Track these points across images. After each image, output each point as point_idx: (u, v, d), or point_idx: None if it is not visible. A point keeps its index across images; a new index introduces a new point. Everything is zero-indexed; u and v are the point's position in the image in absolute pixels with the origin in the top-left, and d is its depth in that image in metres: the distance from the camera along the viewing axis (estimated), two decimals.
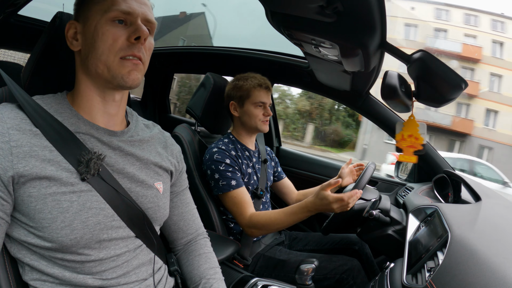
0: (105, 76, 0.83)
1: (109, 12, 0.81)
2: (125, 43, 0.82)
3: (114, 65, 0.82)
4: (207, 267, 1.09)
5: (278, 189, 2.15)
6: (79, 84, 0.88)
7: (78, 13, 0.86)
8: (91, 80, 0.86)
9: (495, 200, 1.43)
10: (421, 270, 0.99)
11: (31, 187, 0.75)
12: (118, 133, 0.91)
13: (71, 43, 0.86)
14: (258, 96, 1.77)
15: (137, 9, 0.84)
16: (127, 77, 0.83)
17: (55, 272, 0.80)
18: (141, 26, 0.83)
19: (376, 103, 2.08)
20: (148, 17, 0.87)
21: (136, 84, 0.86)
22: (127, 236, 0.88)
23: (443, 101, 1.19)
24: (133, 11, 0.83)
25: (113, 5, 0.81)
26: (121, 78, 0.83)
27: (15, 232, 0.78)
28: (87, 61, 0.84)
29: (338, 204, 1.41)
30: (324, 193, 1.44)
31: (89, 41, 0.82)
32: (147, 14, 0.87)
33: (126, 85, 0.84)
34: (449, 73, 1.11)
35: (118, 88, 0.87)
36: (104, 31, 0.81)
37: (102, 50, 0.81)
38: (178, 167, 1.10)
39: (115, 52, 0.81)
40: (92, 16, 0.82)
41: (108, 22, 0.81)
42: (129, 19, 0.83)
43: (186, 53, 2.77)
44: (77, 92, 0.88)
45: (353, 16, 1.01)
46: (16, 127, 0.76)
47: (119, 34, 0.82)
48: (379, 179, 2.41)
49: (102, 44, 0.81)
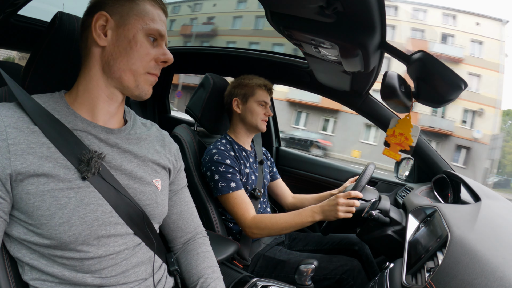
0: (128, 83, 0.87)
1: (150, 26, 0.86)
2: (153, 61, 0.89)
3: (141, 77, 0.88)
4: (205, 266, 1.09)
5: (272, 190, 2.15)
6: (88, 78, 0.87)
7: (111, 8, 0.85)
8: (106, 79, 0.87)
9: (494, 201, 1.43)
10: (421, 270, 0.99)
11: (29, 184, 0.75)
12: (116, 130, 0.91)
13: (98, 36, 0.85)
14: (262, 95, 1.82)
15: (165, 33, 0.91)
16: (148, 91, 0.91)
17: (54, 271, 0.80)
18: (169, 53, 0.91)
19: (376, 104, 2.08)
20: (167, 42, 0.94)
21: (148, 97, 0.92)
22: (125, 233, 0.88)
23: (442, 102, 1.19)
24: (164, 35, 0.91)
25: (153, 22, 0.87)
26: (142, 91, 0.90)
27: (14, 231, 0.78)
28: (113, 62, 0.85)
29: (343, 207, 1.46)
30: (334, 196, 1.52)
31: (124, 45, 0.85)
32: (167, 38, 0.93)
33: (143, 97, 0.91)
34: (448, 73, 1.11)
35: (132, 96, 0.91)
36: (142, 43, 0.86)
37: (135, 60, 0.86)
38: (176, 165, 1.10)
39: (145, 66, 0.88)
40: (132, 22, 0.85)
41: (146, 36, 0.87)
42: (159, 40, 0.90)
43: (186, 53, 2.77)
44: (82, 87, 0.88)
45: (352, 16, 1.01)
46: (14, 125, 0.77)
47: (151, 52, 0.88)
48: (378, 179, 2.41)
49: (137, 54, 0.86)
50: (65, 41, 0.93)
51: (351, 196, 1.47)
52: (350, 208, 1.46)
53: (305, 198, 2.07)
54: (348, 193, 1.48)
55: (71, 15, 0.95)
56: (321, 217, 1.52)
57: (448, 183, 1.76)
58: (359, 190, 1.54)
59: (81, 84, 0.88)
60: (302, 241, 2.00)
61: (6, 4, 1.38)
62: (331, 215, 1.48)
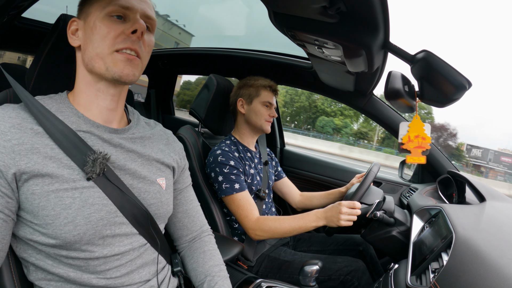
0: (99, 69, 0.84)
1: (108, 7, 0.83)
2: (121, 36, 0.83)
3: (109, 57, 0.83)
4: (212, 264, 1.09)
5: (279, 189, 2.16)
6: (79, 79, 0.89)
7: (80, 11, 0.88)
8: (89, 74, 0.87)
9: (499, 201, 1.42)
10: (426, 271, 0.99)
11: (34, 185, 0.76)
12: (119, 130, 0.92)
13: (71, 39, 0.88)
14: (267, 96, 1.82)
15: (136, 5, 0.86)
16: (122, 72, 0.84)
17: (60, 272, 0.80)
18: (139, 20, 0.85)
19: (380, 104, 2.08)
20: (147, 13, 0.88)
21: (130, 79, 0.86)
22: (130, 232, 0.88)
23: (447, 101, 1.19)
24: (132, 6, 0.85)
25: (113, 0, 0.83)
26: (115, 72, 0.83)
27: (20, 231, 0.79)
28: (85, 55, 0.85)
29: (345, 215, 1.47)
30: (337, 203, 1.53)
31: (88, 35, 0.84)
32: (147, 10, 0.88)
33: (120, 79, 0.85)
34: (452, 73, 1.10)
35: (113, 82, 0.87)
36: (101, 25, 0.83)
37: (98, 43, 0.83)
38: (180, 163, 1.11)
39: (110, 44, 0.83)
40: (92, 12, 0.84)
41: (106, 17, 0.83)
42: (128, 15, 0.85)
43: (190, 54, 2.77)
44: (77, 88, 0.90)
45: (356, 16, 1.01)
46: (18, 126, 0.77)
47: (116, 28, 0.83)
48: (383, 180, 2.40)
49: (98, 36, 0.83)
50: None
51: (355, 206, 1.49)
52: (352, 217, 1.48)
53: (313, 196, 2.08)
54: (352, 203, 1.49)
55: (75, 17, 0.96)
56: (324, 222, 1.54)
57: (452, 184, 1.75)
58: (363, 192, 1.56)
59: (76, 86, 0.90)
60: (306, 242, 2.00)
61: (10, 6, 1.39)
62: (333, 222, 1.50)
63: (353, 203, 1.49)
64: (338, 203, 1.51)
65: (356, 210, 1.48)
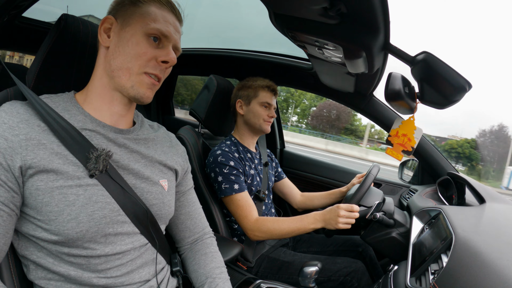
0: (125, 82, 0.87)
1: (149, 28, 0.85)
2: (153, 61, 0.87)
3: (137, 76, 0.87)
4: (213, 267, 1.09)
5: (280, 189, 2.16)
6: (97, 78, 0.90)
7: (117, 12, 0.89)
8: (109, 80, 0.88)
9: (499, 203, 1.42)
10: (425, 273, 0.99)
11: (38, 180, 0.76)
12: (124, 131, 0.93)
13: (102, 37, 0.88)
14: (265, 96, 1.81)
15: (173, 35, 0.89)
16: (144, 94, 0.89)
17: (60, 270, 0.81)
18: (172, 53, 0.89)
19: (380, 105, 2.08)
20: (178, 45, 0.93)
21: (146, 102, 0.91)
22: (132, 232, 0.89)
23: (446, 103, 1.19)
24: (170, 36, 0.89)
25: (155, 22, 0.86)
26: (137, 93, 0.88)
27: (23, 227, 0.80)
28: (113, 61, 0.86)
29: (343, 219, 1.47)
30: (336, 206, 1.53)
31: (122, 44, 0.86)
32: (178, 42, 0.93)
33: (139, 100, 0.89)
34: (453, 74, 1.11)
35: (129, 97, 0.90)
36: (139, 42, 0.86)
37: (130, 58, 0.85)
38: (183, 166, 1.12)
39: (142, 64, 0.86)
40: (133, 24, 0.86)
41: (145, 35, 0.86)
42: (163, 41, 0.89)
43: (190, 55, 2.77)
44: (92, 87, 0.90)
45: (356, 17, 1.01)
46: (25, 121, 0.78)
47: (152, 51, 0.87)
48: (383, 181, 2.40)
49: (134, 52, 0.85)
50: (70, 43, 0.94)
51: (353, 210, 1.48)
52: (350, 220, 1.48)
53: (314, 196, 2.08)
54: (351, 206, 1.49)
55: (76, 17, 0.96)
56: (322, 224, 1.54)
57: (452, 185, 1.75)
58: (361, 195, 1.56)
59: (90, 84, 0.91)
60: (306, 243, 1.99)
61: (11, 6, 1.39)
62: (331, 224, 1.50)
63: (351, 207, 1.48)
64: (336, 206, 1.51)
65: (354, 213, 1.48)
